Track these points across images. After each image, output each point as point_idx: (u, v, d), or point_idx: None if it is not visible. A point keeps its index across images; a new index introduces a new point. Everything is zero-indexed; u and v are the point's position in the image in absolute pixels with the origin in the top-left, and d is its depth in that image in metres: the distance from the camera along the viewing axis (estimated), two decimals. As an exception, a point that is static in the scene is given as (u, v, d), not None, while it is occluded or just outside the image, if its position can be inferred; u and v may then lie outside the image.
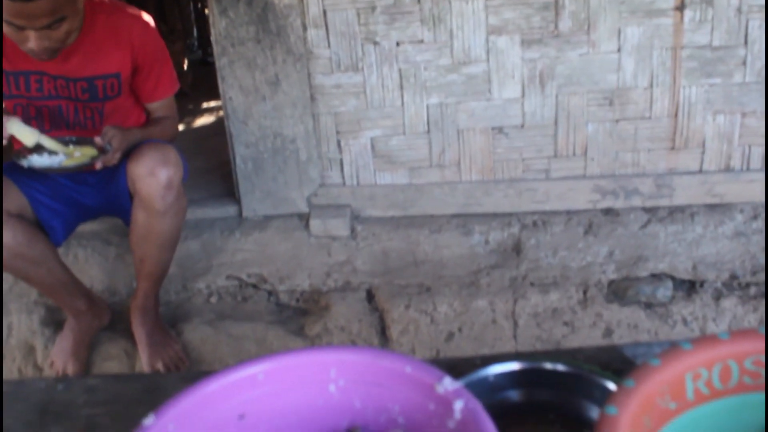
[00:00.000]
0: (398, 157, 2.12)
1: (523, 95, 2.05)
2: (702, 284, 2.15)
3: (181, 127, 3.44)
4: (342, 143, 2.12)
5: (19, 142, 1.79)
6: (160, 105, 2.03)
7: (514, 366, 0.77)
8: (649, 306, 2.10)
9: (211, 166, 2.65)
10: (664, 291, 2.11)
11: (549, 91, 2.04)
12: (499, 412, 0.76)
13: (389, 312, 2.07)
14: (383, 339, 2.08)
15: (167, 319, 2.14)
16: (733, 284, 2.16)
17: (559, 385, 0.76)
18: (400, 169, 2.14)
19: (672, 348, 0.65)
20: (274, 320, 2.14)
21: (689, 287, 2.16)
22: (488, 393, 0.77)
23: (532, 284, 2.08)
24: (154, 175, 1.79)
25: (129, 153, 1.85)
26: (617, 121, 2.08)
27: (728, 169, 2.14)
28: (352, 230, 2.13)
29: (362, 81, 2.05)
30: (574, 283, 2.08)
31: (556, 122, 2.08)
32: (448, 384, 0.61)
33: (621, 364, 0.82)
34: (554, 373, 0.76)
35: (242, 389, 0.67)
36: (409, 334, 2.06)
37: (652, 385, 0.62)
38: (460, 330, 2.05)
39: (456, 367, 0.83)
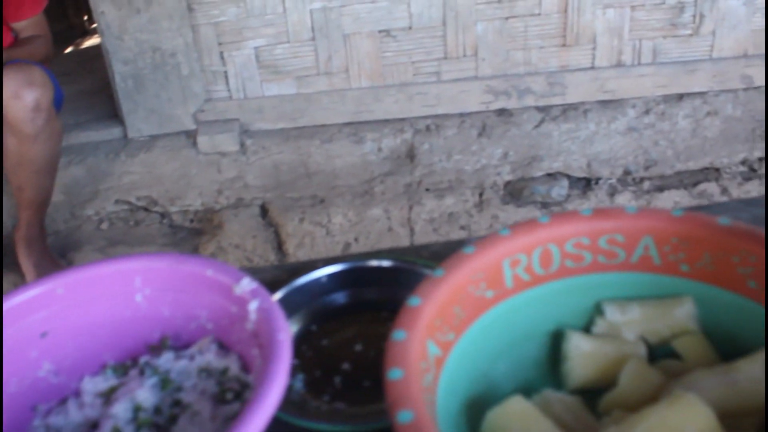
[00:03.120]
0: (284, 66, 2.05)
1: (408, -5, 1.99)
2: (597, 181, 2.16)
3: (70, 49, 3.30)
4: (225, 55, 2.04)
5: None
6: (28, 24, 1.92)
7: (338, 267, 0.74)
8: (545, 205, 2.10)
9: (98, 87, 2.53)
10: (559, 189, 2.11)
11: (435, -10, 1.98)
12: (330, 313, 0.74)
13: (284, 226, 2.03)
14: (280, 254, 2.04)
15: (58, 249, 2.07)
16: (627, 179, 2.17)
17: (392, 281, 0.73)
18: (287, 79, 2.07)
19: (488, 235, 0.63)
20: (168, 242, 2.08)
21: (585, 185, 2.17)
22: (319, 295, 0.74)
23: (427, 190, 2.06)
24: (20, 98, 1.69)
25: (-9, 76, 1.74)
26: (507, 18, 2.04)
27: (619, 64, 2.13)
28: (242, 145, 2.07)
29: (241, -13, 1.96)
30: (470, 187, 2.07)
31: (444, 23, 2.02)
32: (245, 285, 0.57)
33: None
34: (384, 269, 0.74)
35: (41, 306, 0.63)
36: (305, 247, 2.02)
37: (464, 274, 0.59)
38: (356, 240, 2.02)
39: (299, 271, 0.80)
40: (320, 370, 0.69)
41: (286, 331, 0.52)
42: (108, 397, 0.62)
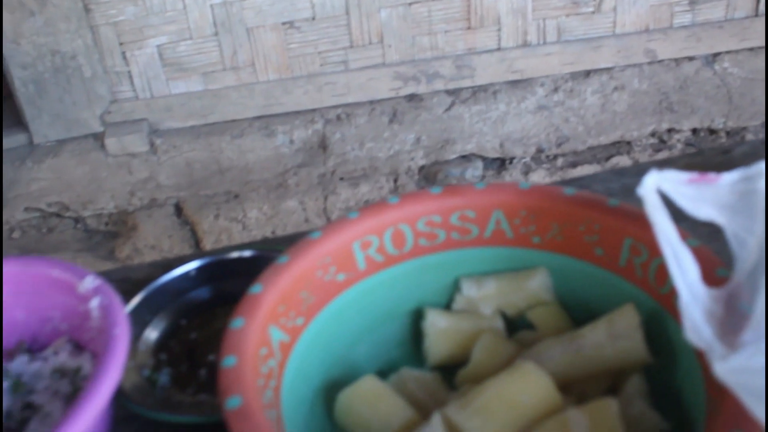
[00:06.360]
0: (189, 63, 2.03)
1: (310, -14, 1.98)
2: (511, 161, 2.18)
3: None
4: (127, 55, 2.01)
5: None
6: None
7: (203, 261, 0.74)
8: (460, 187, 2.12)
9: (5, 94, 2.48)
10: (473, 171, 2.13)
11: (337, -21, 1.98)
12: (199, 307, 0.74)
13: (199, 224, 2.01)
14: (197, 252, 2.03)
15: (-32, 261, 2.02)
16: (541, 157, 2.21)
17: (258, 271, 0.74)
18: (194, 76, 2.05)
19: (337, 219, 0.63)
20: (83, 248, 2.05)
21: (499, 165, 2.19)
22: (187, 290, 0.74)
23: (341, 179, 2.06)
24: None
25: None
26: (410, 4, 2.04)
27: (525, 44, 2.15)
28: (152, 145, 2.05)
29: (138, -15, 1.93)
30: (384, 173, 2.08)
31: (347, 11, 2.02)
32: (88, 283, 0.57)
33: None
34: (249, 260, 0.74)
35: None
36: (222, 243, 2.01)
37: (310, 259, 0.60)
38: (273, 233, 2.02)
39: (171, 266, 0.80)
40: (187, 364, 0.69)
41: (123, 325, 0.52)
42: (-38, 406, 0.61)
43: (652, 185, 0.51)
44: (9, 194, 2.05)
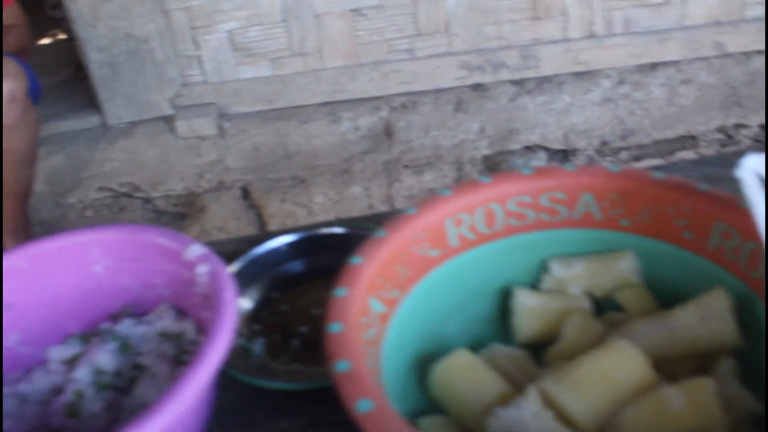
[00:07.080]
0: (258, 48, 2.06)
1: (377, -27, 2.00)
2: (574, 152, 2.18)
3: (47, 41, 3.30)
4: (198, 39, 2.05)
5: None
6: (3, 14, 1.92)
7: (296, 236, 0.76)
8: (522, 178, 2.12)
9: (80, 76, 2.54)
10: (537, 162, 2.14)
11: (404, -33, 2.00)
12: (290, 280, 0.76)
13: (266, 207, 2.05)
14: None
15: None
16: (605, 150, 2.20)
17: (348, 247, 0.76)
18: (262, 61, 2.08)
19: (431, 196, 0.65)
20: (151, 227, 2.10)
21: (562, 156, 2.19)
22: (279, 263, 0.77)
23: (405, 166, 2.08)
24: (-7, 89, 1.70)
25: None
26: (477, -6, 2.05)
27: (591, 35, 2.14)
28: (220, 128, 2.08)
29: (210, -29, 1.97)
30: (448, 162, 2.09)
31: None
32: (195, 250, 0.59)
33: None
34: (339, 236, 0.76)
35: (5, 279, 0.65)
36: (287, 227, 2.05)
37: (406, 234, 0.61)
38: (338, 218, 2.05)
39: (257, 241, 0.82)
40: (280, 335, 0.71)
41: (232, 290, 0.55)
42: (72, 364, 0.64)
43: (751, 167, 0.52)
44: (83, 174, 2.11)
